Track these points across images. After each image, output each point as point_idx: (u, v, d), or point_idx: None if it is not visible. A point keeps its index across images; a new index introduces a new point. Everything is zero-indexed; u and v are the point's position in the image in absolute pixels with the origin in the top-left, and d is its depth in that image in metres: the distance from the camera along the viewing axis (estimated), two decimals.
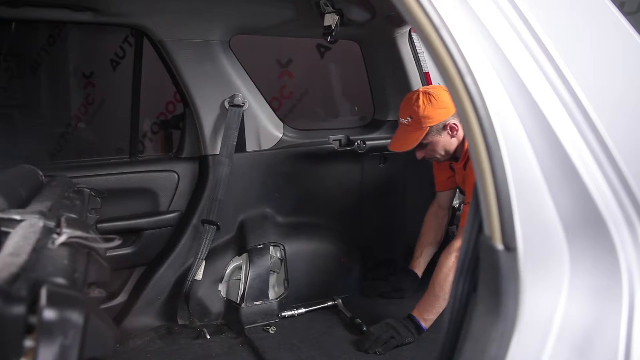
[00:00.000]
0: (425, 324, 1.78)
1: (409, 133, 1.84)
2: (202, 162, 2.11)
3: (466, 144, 1.85)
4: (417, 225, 2.19)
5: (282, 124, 2.25)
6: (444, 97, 1.83)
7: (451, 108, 1.83)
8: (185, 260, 2.04)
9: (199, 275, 1.99)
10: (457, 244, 1.85)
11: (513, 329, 0.62)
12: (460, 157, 1.92)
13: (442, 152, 1.89)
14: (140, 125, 2.34)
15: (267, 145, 2.19)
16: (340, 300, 2.08)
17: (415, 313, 1.80)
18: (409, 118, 1.83)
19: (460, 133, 1.85)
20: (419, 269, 2.11)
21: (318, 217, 2.29)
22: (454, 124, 1.83)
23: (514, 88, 0.66)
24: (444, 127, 1.82)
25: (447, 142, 1.86)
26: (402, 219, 2.41)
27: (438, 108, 1.80)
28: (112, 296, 1.98)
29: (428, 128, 1.80)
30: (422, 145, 1.85)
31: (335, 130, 2.35)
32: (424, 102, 1.79)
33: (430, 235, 2.14)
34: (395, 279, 2.16)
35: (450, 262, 1.77)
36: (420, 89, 1.86)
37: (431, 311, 1.78)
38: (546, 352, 0.62)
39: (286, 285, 2.09)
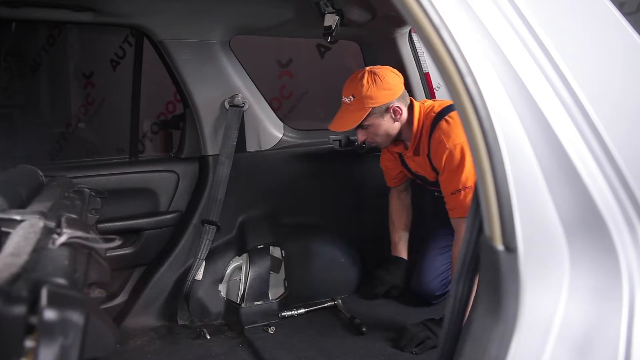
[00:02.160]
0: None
1: (350, 113, 1.76)
2: (202, 162, 2.11)
3: (415, 127, 1.80)
4: (416, 226, 2.19)
5: (282, 124, 2.25)
6: (390, 78, 1.76)
7: (397, 90, 1.76)
8: (186, 261, 2.03)
9: (199, 276, 1.99)
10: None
11: (513, 329, 0.62)
12: (410, 143, 1.86)
13: (384, 136, 1.83)
14: (140, 125, 2.34)
15: (267, 145, 2.19)
16: (340, 300, 2.08)
17: None
18: (351, 97, 1.75)
19: (404, 117, 1.79)
20: (403, 252, 2.09)
21: (318, 217, 2.29)
22: (398, 107, 1.76)
23: (514, 88, 0.66)
24: (387, 109, 1.76)
25: (390, 126, 1.80)
26: None
27: (382, 89, 1.73)
28: (112, 296, 1.98)
29: (370, 109, 1.73)
30: (362, 127, 1.79)
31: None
32: (368, 82, 1.72)
33: (402, 218, 2.13)
34: (387, 273, 2.12)
35: None
36: (367, 68, 1.79)
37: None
38: (546, 353, 0.62)
39: (286, 285, 2.09)
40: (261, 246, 2.08)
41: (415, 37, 2.30)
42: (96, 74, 4.08)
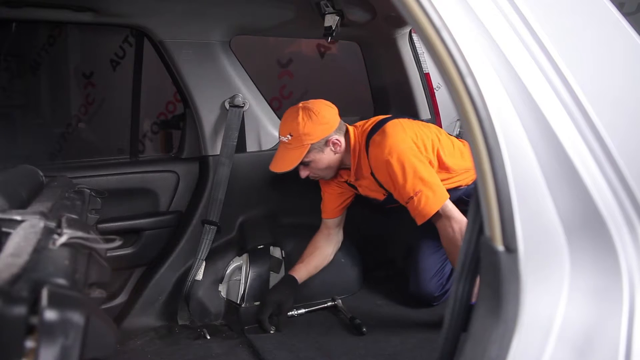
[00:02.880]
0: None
1: (289, 151, 1.77)
2: (203, 163, 2.11)
3: (352, 150, 1.82)
4: (416, 226, 2.18)
5: None
6: (325, 112, 1.77)
7: (333, 123, 1.78)
8: (186, 261, 2.03)
9: (199, 276, 1.99)
10: (446, 234, 1.71)
11: (514, 330, 0.62)
12: (352, 168, 1.87)
13: (327, 170, 1.85)
14: (140, 125, 2.34)
15: (267, 145, 2.19)
16: (340, 301, 2.08)
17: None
18: (289, 136, 1.76)
19: (343, 147, 1.82)
20: (298, 274, 1.97)
21: (318, 218, 2.28)
22: (337, 139, 1.79)
23: (514, 89, 0.66)
24: (326, 143, 1.78)
25: (331, 159, 1.82)
26: (402, 219, 2.41)
27: (319, 124, 1.74)
28: (113, 296, 1.98)
29: (309, 145, 1.74)
30: (304, 164, 1.80)
31: None
32: (303, 119, 1.73)
33: (314, 247, 2.03)
34: (274, 289, 1.95)
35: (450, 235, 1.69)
36: (300, 104, 1.80)
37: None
38: (547, 353, 0.62)
39: None
40: (261, 246, 2.08)
41: (415, 37, 2.30)
42: (96, 74, 4.08)
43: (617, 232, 0.65)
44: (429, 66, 2.35)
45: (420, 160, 1.71)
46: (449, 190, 1.75)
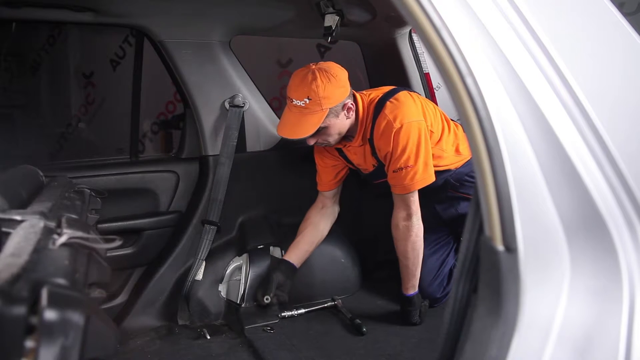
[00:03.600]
0: (415, 290, 1.88)
1: (306, 116, 1.64)
2: (203, 163, 2.11)
3: (360, 116, 1.77)
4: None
5: None
6: (341, 74, 1.68)
7: (347, 87, 1.70)
8: (186, 261, 2.04)
9: (199, 276, 1.99)
10: (398, 213, 1.80)
11: (514, 330, 0.62)
12: (355, 134, 1.81)
13: (336, 136, 1.76)
14: (140, 125, 2.34)
15: (267, 145, 2.19)
16: (340, 301, 2.08)
17: (403, 291, 1.88)
18: (306, 99, 1.62)
19: (354, 113, 1.75)
20: (293, 257, 1.97)
21: None
22: (352, 104, 1.71)
23: (514, 89, 0.66)
24: (342, 108, 1.68)
25: (342, 124, 1.73)
26: None
27: (337, 87, 1.64)
28: (113, 296, 1.99)
29: (328, 110, 1.64)
30: (316, 130, 1.68)
31: None
32: (322, 81, 1.62)
33: (306, 226, 2.03)
34: (273, 275, 1.95)
35: (400, 233, 1.80)
36: (312, 66, 1.68)
37: (412, 279, 1.86)
38: (547, 353, 0.62)
39: None
40: (261, 246, 2.08)
41: (415, 37, 2.30)
42: (96, 74, 4.08)
43: (617, 232, 0.65)
44: (429, 66, 2.35)
45: (425, 137, 1.71)
46: (437, 173, 1.78)
